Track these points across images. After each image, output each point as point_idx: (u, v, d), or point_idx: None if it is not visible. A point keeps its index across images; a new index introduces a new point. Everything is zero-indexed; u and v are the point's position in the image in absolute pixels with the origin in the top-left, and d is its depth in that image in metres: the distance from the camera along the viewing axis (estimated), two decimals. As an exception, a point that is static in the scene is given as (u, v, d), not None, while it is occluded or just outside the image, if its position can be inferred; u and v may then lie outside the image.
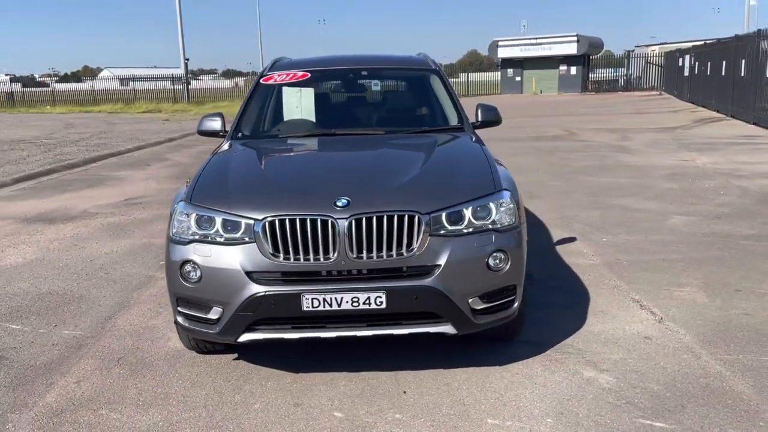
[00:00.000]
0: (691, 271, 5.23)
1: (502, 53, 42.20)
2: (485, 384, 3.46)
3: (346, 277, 3.17)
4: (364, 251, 3.14)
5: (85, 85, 62.01)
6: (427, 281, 3.16)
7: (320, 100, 4.86)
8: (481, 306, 3.33)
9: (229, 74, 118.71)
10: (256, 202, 3.30)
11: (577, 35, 39.52)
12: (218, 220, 3.26)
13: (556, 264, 5.56)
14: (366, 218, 3.15)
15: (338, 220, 3.13)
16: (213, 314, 3.26)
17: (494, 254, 3.28)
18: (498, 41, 42.15)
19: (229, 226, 3.24)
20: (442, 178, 3.55)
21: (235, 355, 3.86)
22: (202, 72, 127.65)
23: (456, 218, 3.28)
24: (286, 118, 4.84)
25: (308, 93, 4.81)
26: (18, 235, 7.21)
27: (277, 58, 5.25)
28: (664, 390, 3.34)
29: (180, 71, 40.42)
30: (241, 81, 77.00)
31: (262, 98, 4.91)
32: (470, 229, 3.29)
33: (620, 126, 18.20)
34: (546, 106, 29.09)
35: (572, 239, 6.38)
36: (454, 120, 4.65)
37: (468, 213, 3.31)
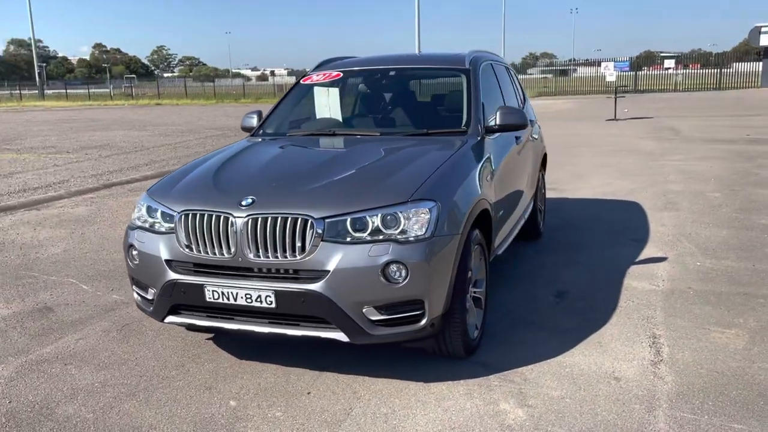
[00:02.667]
0: (763, 312, 4.35)
1: (766, 40, 36.82)
2: (390, 398, 3.35)
3: (242, 273, 3.30)
4: (260, 250, 3.25)
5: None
6: (314, 286, 3.17)
7: (343, 101, 4.96)
8: (378, 317, 3.23)
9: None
10: (182, 197, 3.57)
11: None
12: (159, 212, 3.60)
13: (609, 285, 4.99)
14: (261, 218, 3.24)
15: (237, 219, 3.28)
16: (149, 295, 3.62)
17: (391, 265, 3.16)
18: (761, 27, 36.82)
19: (167, 217, 3.56)
20: (363, 184, 3.47)
21: (211, 336, 4.21)
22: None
23: (361, 225, 3.22)
24: (317, 116, 5.02)
25: (334, 93, 4.94)
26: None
27: (326, 59, 5.43)
28: (566, 439, 2.94)
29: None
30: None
31: (296, 98, 5.14)
32: (377, 237, 3.20)
33: None
34: (805, 103, 24.93)
35: (661, 260, 5.64)
36: (461, 123, 4.42)
37: (376, 221, 3.22)
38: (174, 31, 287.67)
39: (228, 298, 3.30)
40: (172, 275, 3.44)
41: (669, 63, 41.11)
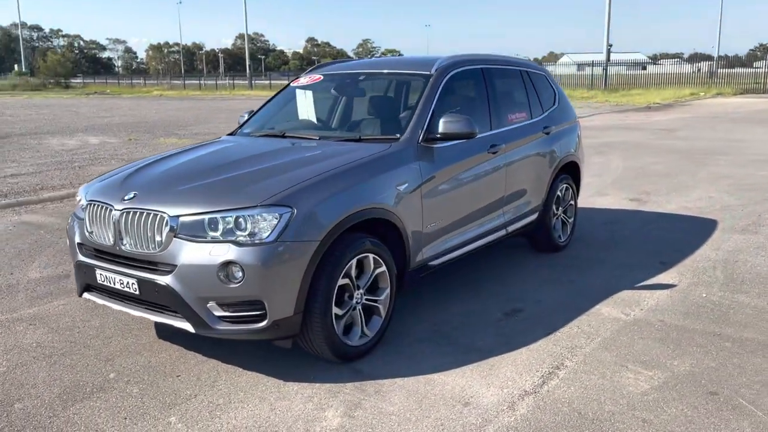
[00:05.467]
0: (712, 358, 3.81)
1: None
2: (237, 392, 3.50)
3: (119, 261, 3.67)
4: (130, 241, 3.60)
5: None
6: (164, 278, 3.43)
7: (315, 104, 5.10)
8: (221, 313, 3.41)
9: (695, 58, 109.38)
10: (97, 189, 4.01)
11: None
12: (85, 202, 4.10)
13: (575, 309, 4.63)
14: (132, 212, 3.58)
15: (116, 211, 3.65)
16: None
17: (229, 265, 3.33)
18: None
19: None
20: (231, 186, 3.64)
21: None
22: (666, 56, 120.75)
23: (214, 226, 3.43)
24: (299, 118, 5.23)
25: (309, 96, 5.11)
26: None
27: (323, 63, 5.60)
28: (347, 454, 2.91)
29: (601, 57, 40.30)
30: (704, 66, 70.18)
31: (283, 99, 5.38)
32: (229, 238, 3.39)
33: None
34: None
35: (665, 287, 5.09)
36: (397, 130, 4.37)
37: (230, 222, 3.40)
38: (379, 25, 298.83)
39: (110, 282, 3.70)
40: (80, 257, 3.91)
41: None
